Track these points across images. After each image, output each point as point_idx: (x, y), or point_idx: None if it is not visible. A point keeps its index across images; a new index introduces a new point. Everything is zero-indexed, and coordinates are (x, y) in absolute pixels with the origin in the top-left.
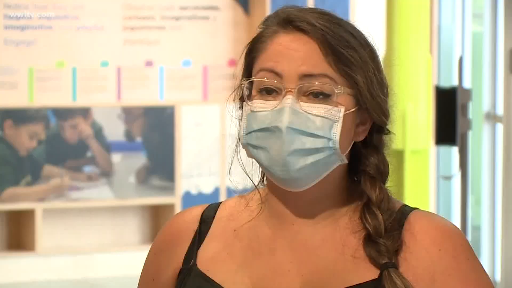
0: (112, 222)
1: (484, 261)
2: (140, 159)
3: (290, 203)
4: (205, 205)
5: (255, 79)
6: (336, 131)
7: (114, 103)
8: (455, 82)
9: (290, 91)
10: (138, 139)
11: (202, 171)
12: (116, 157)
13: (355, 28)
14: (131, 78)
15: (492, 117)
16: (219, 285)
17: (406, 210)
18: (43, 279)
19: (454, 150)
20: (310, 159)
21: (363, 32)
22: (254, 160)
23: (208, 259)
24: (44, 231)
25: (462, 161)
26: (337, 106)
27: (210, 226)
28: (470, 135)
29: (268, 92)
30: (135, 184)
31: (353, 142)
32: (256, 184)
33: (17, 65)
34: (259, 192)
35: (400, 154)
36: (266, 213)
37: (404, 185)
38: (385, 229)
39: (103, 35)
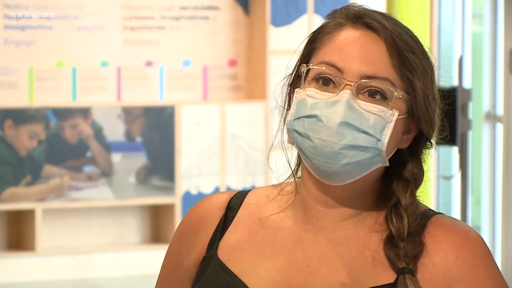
0: (112, 222)
1: None
2: (140, 159)
3: (320, 199)
4: (234, 192)
5: (316, 67)
6: (386, 133)
7: (114, 103)
8: (455, 82)
9: (349, 85)
10: (138, 139)
11: (202, 171)
12: (116, 157)
13: (418, 38)
14: (131, 78)
15: (492, 117)
16: (236, 276)
17: (429, 214)
18: (43, 279)
19: (454, 150)
20: (357, 157)
21: (423, 44)
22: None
23: (230, 248)
24: (44, 231)
25: (462, 161)
26: (392, 109)
27: (235, 214)
28: (470, 135)
29: (325, 82)
30: (135, 184)
31: (396, 148)
32: (293, 173)
33: (17, 65)
34: (295, 181)
35: None
36: (295, 205)
37: None
38: (408, 233)
39: (103, 35)
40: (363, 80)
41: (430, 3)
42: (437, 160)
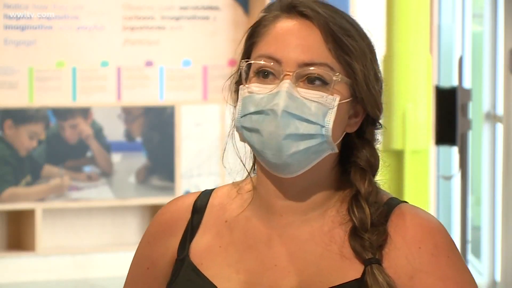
0: (112, 222)
1: (484, 261)
2: (140, 159)
3: (278, 192)
4: (198, 193)
5: (254, 61)
6: (329, 119)
7: (114, 103)
8: (455, 82)
9: (288, 74)
10: (138, 139)
11: (202, 171)
12: (116, 157)
13: (355, 20)
14: (131, 78)
15: (492, 117)
16: (208, 280)
17: (392, 203)
18: (43, 279)
19: (454, 150)
20: (303, 145)
21: (362, 26)
22: (246, 147)
23: (201, 252)
24: (44, 231)
25: (462, 161)
26: (332, 95)
27: (202, 216)
28: (470, 135)
29: (266, 75)
30: (135, 184)
31: (345, 133)
32: (249, 171)
33: (17, 65)
34: (251, 179)
35: (400, 154)
36: (256, 204)
37: (404, 185)
38: (371, 223)
39: (103, 35)
40: (301, 68)
41: (430, 3)
42: (437, 160)
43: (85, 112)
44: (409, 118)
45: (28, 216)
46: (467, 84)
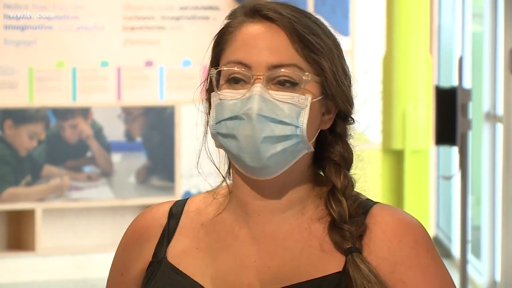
0: (112, 222)
1: (484, 261)
2: (140, 159)
3: (256, 194)
4: (172, 201)
5: (224, 68)
6: (303, 119)
7: (114, 103)
8: (455, 82)
9: (259, 78)
10: (138, 139)
11: (202, 171)
12: (116, 157)
13: (319, 19)
14: (131, 78)
15: (492, 117)
16: (189, 277)
17: (369, 203)
18: (43, 279)
19: (454, 150)
20: (279, 147)
21: (326, 24)
22: (220, 152)
23: (178, 254)
24: (44, 231)
25: (462, 161)
26: (304, 95)
27: (178, 222)
28: (470, 135)
29: (236, 81)
30: (135, 184)
31: (319, 130)
32: (224, 176)
33: (17, 65)
34: (227, 184)
35: (400, 154)
36: (232, 206)
37: (404, 185)
38: (349, 215)
39: (103, 35)
40: (270, 71)
41: (430, 3)
42: (437, 160)
43: (85, 112)
44: (409, 118)
45: (28, 216)
46: (467, 84)
